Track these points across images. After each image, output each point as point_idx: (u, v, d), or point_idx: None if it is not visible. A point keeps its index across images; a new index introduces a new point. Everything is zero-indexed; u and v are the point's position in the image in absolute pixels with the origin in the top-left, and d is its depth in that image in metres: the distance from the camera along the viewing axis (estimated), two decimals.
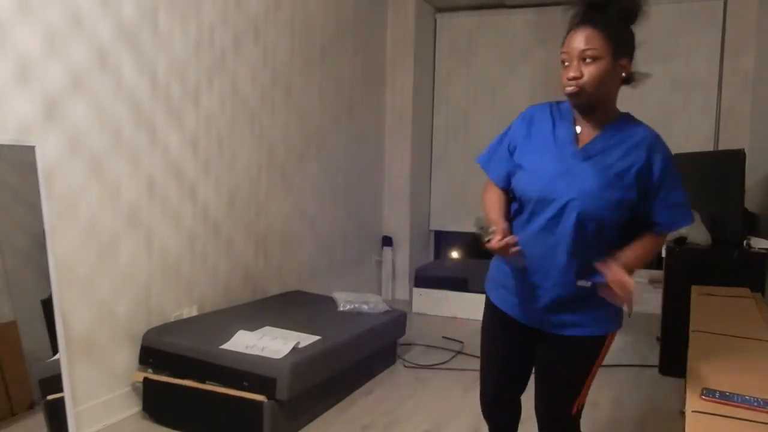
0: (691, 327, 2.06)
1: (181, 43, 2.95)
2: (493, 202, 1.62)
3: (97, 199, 2.54)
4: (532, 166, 1.55)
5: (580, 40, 1.46)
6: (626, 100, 5.57)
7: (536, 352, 1.65)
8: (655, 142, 1.55)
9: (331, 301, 3.49)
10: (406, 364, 3.54)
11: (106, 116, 2.56)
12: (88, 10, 2.45)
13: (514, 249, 1.43)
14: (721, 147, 4.60)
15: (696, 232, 3.48)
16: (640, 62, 1.66)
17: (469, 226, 5.55)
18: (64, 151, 2.39)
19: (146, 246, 2.80)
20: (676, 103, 4.77)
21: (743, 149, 3.37)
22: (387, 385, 3.17)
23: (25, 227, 2.21)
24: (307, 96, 4.06)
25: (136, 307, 2.76)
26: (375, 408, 2.87)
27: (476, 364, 3.56)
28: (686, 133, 4.74)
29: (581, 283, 1.51)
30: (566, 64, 1.48)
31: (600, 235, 1.50)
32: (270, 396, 2.42)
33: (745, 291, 2.59)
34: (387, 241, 5.31)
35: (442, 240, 5.93)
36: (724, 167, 3.48)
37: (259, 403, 2.42)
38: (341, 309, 3.34)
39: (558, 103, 1.62)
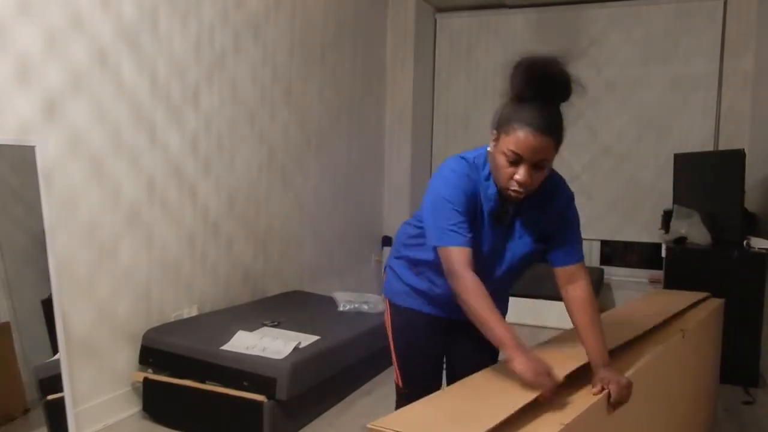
0: None
1: (181, 43, 2.95)
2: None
3: (97, 199, 2.54)
4: None
5: (537, 150, 1.37)
6: (627, 101, 5.57)
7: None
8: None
9: (331, 301, 3.49)
10: None
11: (106, 116, 2.56)
12: (88, 10, 2.45)
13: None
14: (721, 147, 4.60)
15: (696, 232, 3.47)
16: (641, 62, 1.66)
17: None
18: (64, 151, 2.39)
19: (146, 246, 2.80)
20: (676, 103, 4.77)
21: (743, 149, 3.37)
22: (387, 385, 3.17)
23: (25, 227, 2.21)
24: (307, 96, 4.06)
25: (136, 307, 2.76)
26: (375, 408, 2.87)
27: None
28: (686, 133, 4.75)
29: None
30: (511, 162, 1.40)
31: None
32: (270, 396, 2.42)
33: (700, 294, 2.50)
34: (387, 241, 5.31)
35: None
36: (724, 167, 3.48)
37: (259, 403, 2.42)
38: (341, 309, 3.34)
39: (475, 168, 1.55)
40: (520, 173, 1.39)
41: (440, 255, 1.47)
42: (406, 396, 1.77)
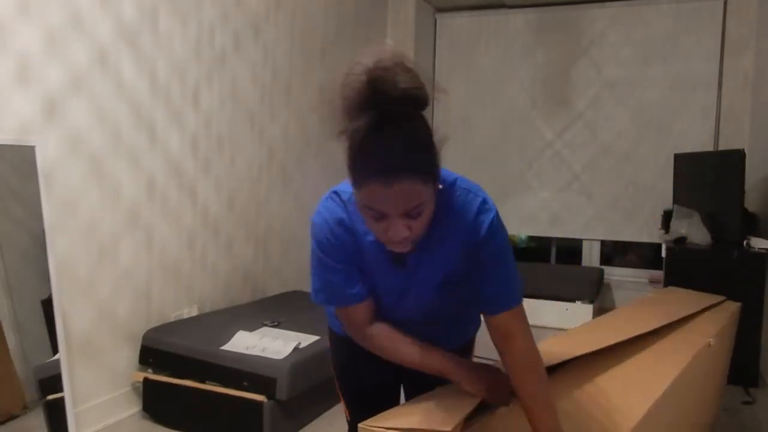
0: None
1: (181, 43, 2.95)
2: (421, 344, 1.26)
3: (97, 199, 2.54)
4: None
5: (398, 200, 1.01)
6: (627, 101, 5.57)
7: None
8: None
9: None
10: None
11: (106, 116, 2.56)
12: (88, 10, 2.45)
13: None
14: (721, 147, 4.60)
15: (696, 232, 3.48)
16: (641, 62, 1.63)
17: None
18: (64, 151, 2.39)
19: (146, 246, 2.80)
20: (676, 103, 4.77)
21: (743, 149, 3.37)
22: None
23: (25, 227, 2.22)
24: (307, 96, 4.05)
25: (136, 307, 2.76)
26: None
27: None
28: (686, 133, 4.74)
29: None
30: (377, 218, 1.06)
31: None
32: (270, 396, 2.43)
33: (716, 297, 2.49)
34: None
35: None
36: (724, 167, 3.48)
37: (259, 403, 2.42)
38: None
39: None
40: (393, 230, 1.05)
41: (337, 315, 1.33)
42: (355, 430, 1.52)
